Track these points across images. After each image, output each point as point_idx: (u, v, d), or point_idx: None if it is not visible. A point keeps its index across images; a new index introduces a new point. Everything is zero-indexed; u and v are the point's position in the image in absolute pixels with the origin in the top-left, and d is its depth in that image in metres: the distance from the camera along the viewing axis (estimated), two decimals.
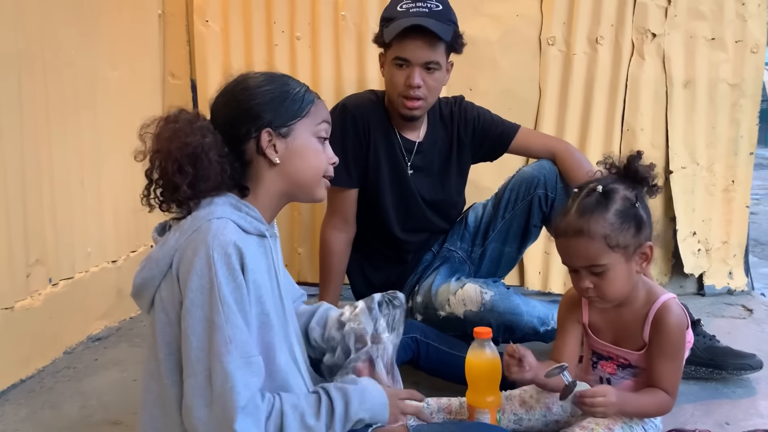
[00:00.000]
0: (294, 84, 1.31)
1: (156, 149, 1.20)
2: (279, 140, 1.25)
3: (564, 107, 2.79)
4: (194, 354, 1.11)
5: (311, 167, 1.29)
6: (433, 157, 2.11)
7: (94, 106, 2.37)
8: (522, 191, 2.08)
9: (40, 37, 2.06)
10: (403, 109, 1.98)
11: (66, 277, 2.24)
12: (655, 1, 2.73)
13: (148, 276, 1.19)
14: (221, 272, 1.11)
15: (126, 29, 2.59)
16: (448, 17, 1.96)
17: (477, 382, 1.50)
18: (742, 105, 2.82)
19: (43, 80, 2.08)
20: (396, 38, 1.90)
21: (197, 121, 1.23)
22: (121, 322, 2.56)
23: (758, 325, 2.49)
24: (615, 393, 1.38)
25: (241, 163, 1.25)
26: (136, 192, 1.29)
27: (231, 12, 2.81)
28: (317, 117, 1.30)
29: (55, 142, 2.15)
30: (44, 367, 2.12)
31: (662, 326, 1.41)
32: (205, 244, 1.12)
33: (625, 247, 1.38)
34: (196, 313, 1.12)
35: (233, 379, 1.09)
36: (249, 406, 1.10)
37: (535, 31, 2.78)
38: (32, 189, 2.04)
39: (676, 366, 1.43)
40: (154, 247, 1.22)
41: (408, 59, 1.91)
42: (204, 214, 1.18)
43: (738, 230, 2.89)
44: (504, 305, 1.92)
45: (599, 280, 1.40)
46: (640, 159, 1.44)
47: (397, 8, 1.95)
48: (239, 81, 1.30)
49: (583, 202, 1.40)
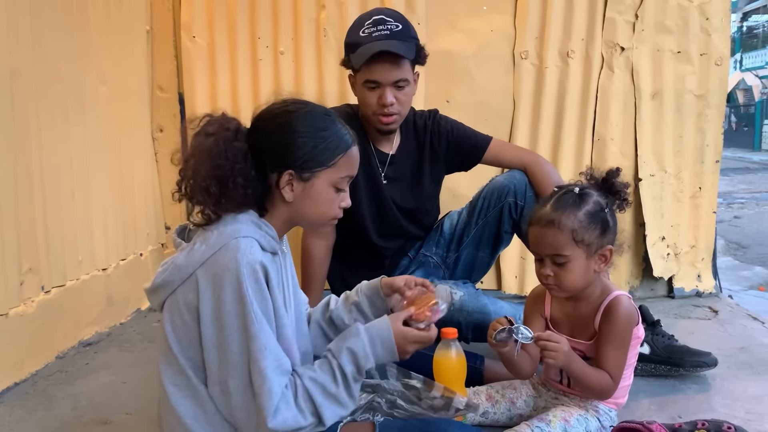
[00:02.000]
0: (333, 130, 1.36)
1: (190, 155, 1.29)
2: (297, 182, 1.33)
3: (537, 118, 2.90)
4: (235, 359, 1.24)
5: (319, 213, 1.37)
6: (406, 168, 2.21)
7: (83, 121, 2.45)
8: (494, 199, 2.19)
9: (32, 56, 2.14)
10: (379, 125, 2.09)
11: (58, 285, 2.31)
12: (623, 17, 2.85)
13: (169, 279, 1.29)
14: (251, 288, 1.22)
15: (114, 45, 2.68)
16: (408, 35, 2.05)
17: (443, 377, 1.60)
18: (708, 115, 2.93)
19: (34, 97, 2.16)
20: (364, 63, 2.00)
21: (235, 141, 1.30)
22: (111, 328, 2.64)
23: (721, 325, 2.59)
24: (567, 346, 1.50)
25: (263, 186, 1.33)
26: (124, 202, 1.39)
27: (217, 28, 2.91)
28: (343, 170, 1.36)
29: (46, 155, 2.22)
30: (37, 370, 2.18)
31: (611, 316, 1.54)
32: (235, 262, 1.22)
33: (588, 244, 1.51)
34: (233, 323, 1.23)
35: (270, 381, 1.22)
36: (282, 399, 1.23)
37: (508, 46, 2.89)
38: (25, 201, 2.11)
39: (620, 354, 1.55)
40: (177, 252, 1.32)
41: (378, 81, 2.01)
42: (231, 231, 1.27)
43: (705, 235, 3.00)
44: (472, 305, 2.03)
45: (560, 270, 1.53)
46: (618, 174, 1.59)
47: (359, 33, 2.03)
48: (283, 112, 1.35)
49: (559, 199, 1.55)
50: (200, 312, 1.25)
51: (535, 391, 1.72)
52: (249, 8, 2.89)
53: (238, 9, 2.89)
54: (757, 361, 2.18)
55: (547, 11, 2.85)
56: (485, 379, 1.84)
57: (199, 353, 1.27)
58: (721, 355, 2.16)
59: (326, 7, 2.84)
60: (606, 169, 1.61)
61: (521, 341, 1.50)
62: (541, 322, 1.68)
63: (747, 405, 1.84)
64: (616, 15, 2.84)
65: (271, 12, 2.89)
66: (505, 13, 2.89)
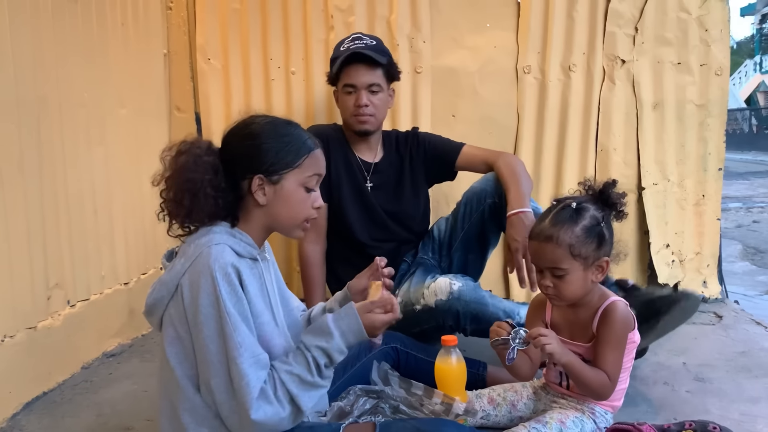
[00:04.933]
0: (295, 134, 1.47)
1: (167, 175, 1.41)
2: (268, 186, 1.43)
3: (541, 131, 2.98)
4: (215, 358, 1.33)
5: (292, 213, 1.47)
6: (390, 176, 2.43)
7: (105, 142, 2.58)
8: (474, 204, 2.32)
9: (57, 84, 2.27)
10: (356, 125, 2.33)
11: (82, 299, 2.43)
12: (623, 30, 2.93)
13: (158, 297, 1.39)
14: (224, 290, 1.32)
15: (134, 69, 2.81)
16: (381, 49, 2.36)
17: (445, 383, 1.70)
18: (710, 124, 2.99)
19: (59, 121, 2.28)
20: (341, 68, 2.30)
21: (205, 156, 1.41)
22: (133, 340, 2.75)
23: (725, 330, 2.64)
24: (557, 341, 1.58)
25: (235, 196, 1.44)
26: (144, 219, 1.50)
27: (231, 50, 3.04)
28: (309, 169, 1.46)
29: (70, 176, 2.35)
30: (64, 380, 2.30)
31: (607, 320, 1.62)
32: (208, 267, 1.33)
33: (585, 257, 1.59)
34: (210, 325, 1.32)
35: (247, 376, 1.31)
36: (261, 393, 1.32)
37: (511, 61, 2.98)
38: (51, 220, 2.23)
39: (616, 355, 1.62)
40: (164, 271, 1.43)
41: (353, 84, 2.30)
42: (204, 241, 1.37)
43: (710, 242, 3.05)
44: (471, 295, 2.10)
45: (558, 281, 1.61)
46: (614, 186, 1.66)
47: (340, 49, 2.36)
48: (247, 124, 1.47)
49: (557, 214, 1.63)
50: (187, 320, 1.34)
51: (535, 394, 1.80)
52: (261, 31, 3.01)
53: (250, 32, 3.01)
54: (756, 365, 2.23)
55: (548, 27, 2.93)
56: (488, 385, 1.92)
57: (194, 363, 1.37)
58: (722, 359, 2.24)
59: (335, 28, 2.95)
60: (603, 181, 1.68)
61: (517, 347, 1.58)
62: (541, 327, 1.75)
63: (742, 407, 1.90)
64: (616, 29, 2.92)
65: (282, 34, 3.01)
66: (508, 29, 2.97)
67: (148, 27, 2.95)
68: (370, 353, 1.87)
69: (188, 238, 1.43)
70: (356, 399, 1.72)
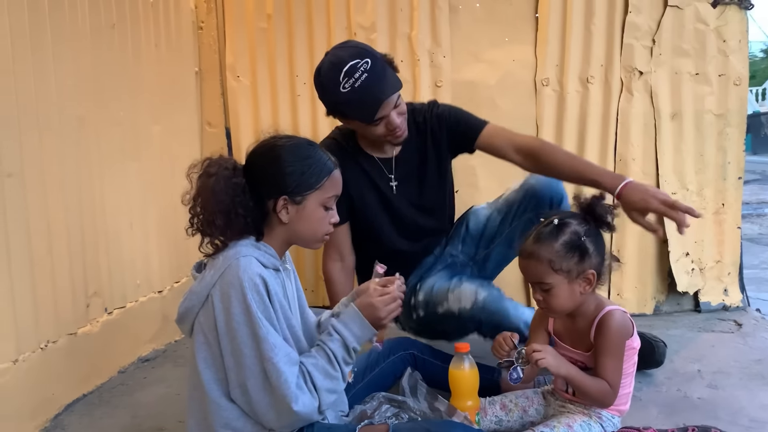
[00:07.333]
0: (317, 157, 1.56)
1: (197, 195, 1.51)
2: (291, 205, 1.54)
3: (560, 142, 3.02)
4: (250, 361, 1.43)
5: (312, 231, 1.59)
6: (413, 163, 2.29)
7: (139, 158, 2.71)
8: (531, 205, 2.25)
9: (94, 104, 2.40)
10: (395, 141, 2.18)
11: (119, 306, 2.57)
12: (640, 42, 2.97)
13: (189, 306, 1.50)
14: (254, 299, 1.43)
15: (166, 87, 2.95)
16: (382, 65, 2.07)
17: (458, 389, 1.78)
18: (729, 133, 3.01)
19: (96, 139, 2.42)
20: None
21: (234, 178, 1.51)
22: (167, 345, 2.87)
23: (743, 338, 2.65)
24: (553, 354, 1.65)
25: (260, 212, 1.55)
26: (177, 231, 1.62)
27: (259, 68, 3.17)
28: (329, 191, 1.56)
29: (107, 191, 2.48)
30: (102, 383, 2.42)
31: (604, 328, 1.68)
32: (238, 278, 1.43)
33: (567, 271, 1.65)
34: (243, 330, 1.43)
35: (285, 373, 1.41)
36: (297, 386, 1.43)
37: (530, 74, 3.04)
38: (89, 232, 2.37)
39: (615, 362, 1.68)
40: (194, 281, 1.53)
41: (384, 116, 2.08)
42: (233, 253, 1.48)
43: (730, 250, 3.07)
44: (494, 306, 2.12)
45: (546, 295, 1.68)
46: (601, 201, 1.72)
47: (340, 90, 2.02)
48: (271, 147, 1.55)
49: (540, 231, 1.70)
50: (217, 327, 1.45)
51: (545, 400, 1.87)
52: (287, 49, 3.14)
53: (277, 50, 3.14)
54: None
55: (566, 40, 2.99)
56: (501, 390, 1.99)
57: (221, 368, 1.47)
58: (737, 367, 2.26)
59: None
60: (591, 195, 1.74)
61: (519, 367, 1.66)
62: (544, 335, 1.84)
63: (752, 413, 1.93)
64: (634, 41, 2.96)
65: (307, 51, 3.12)
66: (526, 43, 3.04)
67: (180, 47, 3.09)
68: (387, 359, 1.97)
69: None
70: (379, 405, 1.80)
